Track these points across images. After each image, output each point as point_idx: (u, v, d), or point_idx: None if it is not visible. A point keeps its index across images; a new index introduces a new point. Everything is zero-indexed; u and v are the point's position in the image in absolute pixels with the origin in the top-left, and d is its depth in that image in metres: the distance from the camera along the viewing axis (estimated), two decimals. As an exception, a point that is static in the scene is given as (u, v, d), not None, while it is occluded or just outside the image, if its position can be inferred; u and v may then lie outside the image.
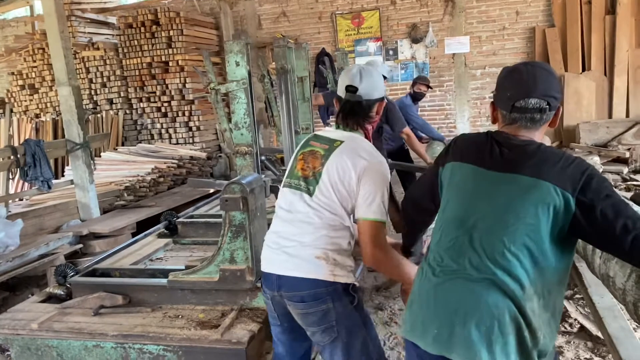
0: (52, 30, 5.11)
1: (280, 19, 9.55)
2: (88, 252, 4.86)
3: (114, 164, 6.99)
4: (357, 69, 2.02)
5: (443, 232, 1.60)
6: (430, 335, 1.51)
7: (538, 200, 1.46)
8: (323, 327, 1.90)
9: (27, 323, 2.65)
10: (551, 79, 1.59)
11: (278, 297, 1.95)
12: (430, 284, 1.56)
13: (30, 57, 9.01)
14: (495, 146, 1.60)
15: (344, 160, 1.90)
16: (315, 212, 1.91)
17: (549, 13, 8.53)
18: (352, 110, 2.02)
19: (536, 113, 1.55)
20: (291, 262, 1.90)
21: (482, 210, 1.53)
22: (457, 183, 1.63)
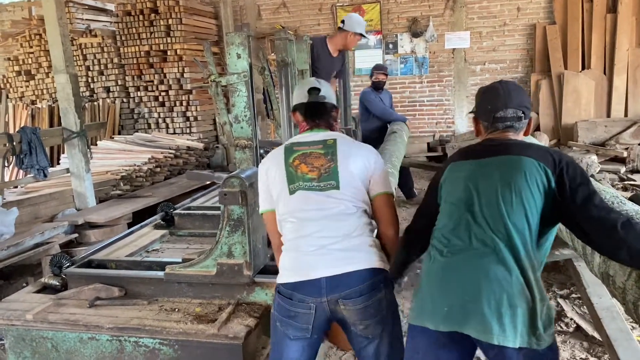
0: (50, 17, 5.05)
1: (280, 10, 9.48)
2: (83, 241, 4.84)
3: (111, 153, 6.94)
4: (313, 78, 2.21)
5: (446, 217, 1.75)
6: (440, 314, 1.62)
7: (527, 173, 1.65)
8: (378, 317, 1.88)
9: (21, 314, 2.63)
10: (522, 93, 1.86)
11: (326, 303, 1.84)
12: (439, 264, 1.69)
13: (26, 43, 8.91)
14: (485, 145, 1.84)
15: (355, 151, 2.00)
16: (350, 202, 1.93)
17: (550, 10, 8.50)
18: (319, 110, 2.11)
19: (514, 121, 1.81)
20: (344, 259, 1.85)
21: (480, 189, 1.70)
22: (454, 177, 1.80)
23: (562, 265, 4.15)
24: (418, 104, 9.18)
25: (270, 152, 2.12)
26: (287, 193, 1.96)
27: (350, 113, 5.50)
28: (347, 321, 1.89)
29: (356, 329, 1.90)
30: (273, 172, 2.03)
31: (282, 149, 2.06)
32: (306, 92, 2.12)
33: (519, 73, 8.86)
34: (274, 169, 2.02)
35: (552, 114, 8.30)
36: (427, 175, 7.92)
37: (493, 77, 8.86)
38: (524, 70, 8.83)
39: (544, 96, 8.28)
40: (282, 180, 1.98)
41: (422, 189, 7.17)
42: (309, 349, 1.96)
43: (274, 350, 1.99)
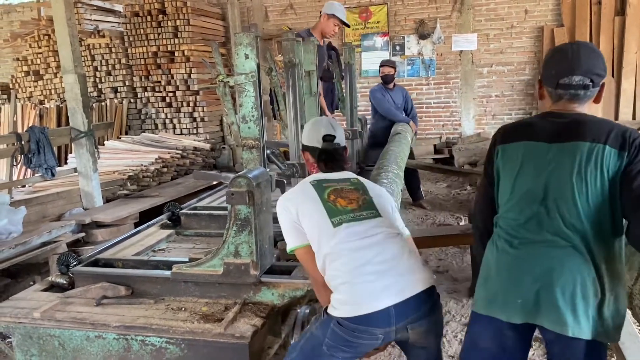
0: (59, 17, 5.08)
1: (287, 11, 9.50)
2: (90, 240, 4.86)
3: (118, 152, 6.97)
4: (326, 121, 2.23)
5: (516, 208, 1.68)
6: (514, 305, 1.62)
7: (602, 164, 1.56)
8: (439, 332, 1.95)
9: (29, 312, 2.64)
10: (594, 57, 1.67)
11: (394, 331, 1.79)
12: (509, 256, 1.66)
13: (35, 43, 8.97)
14: (549, 121, 1.69)
15: (378, 190, 2.15)
16: (391, 228, 1.98)
17: (558, 13, 8.48)
18: (334, 157, 2.17)
19: (580, 89, 1.65)
20: (407, 282, 1.81)
21: (553, 181, 1.62)
22: (518, 162, 1.69)
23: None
24: (425, 105, 9.17)
25: (293, 190, 2.10)
26: (331, 227, 1.89)
27: (356, 114, 5.51)
28: (410, 342, 1.88)
29: (417, 343, 1.91)
30: (307, 208, 1.96)
31: (307, 185, 2.04)
32: (320, 139, 2.16)
33: (526, 75, 8.84)
34: (308, 204, 1.97)
35: (559, 117, 8.26)
36: (434, 177, 7.91)
37: (500, 79, 8.85)
38: (531, 73, 8.80)
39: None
40: (321, 215, 1.92)
41: (428, 191, 7.16)
42: None
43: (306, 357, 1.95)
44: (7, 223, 3.98)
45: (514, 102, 8.98)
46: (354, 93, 5.47)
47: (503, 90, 8.95)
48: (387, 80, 6.15)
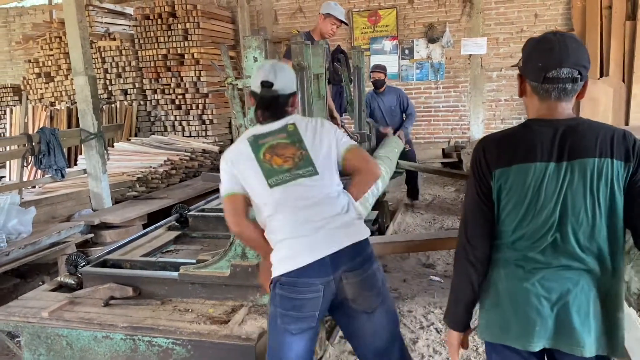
0: (70, 20, 5.13)
1: (296, 15, 9.52)
2: (99, 241, 4.88)
3: (127, 154, 7.01)
4: (269, 65, 2.08)
5: (529, 235, 1.56)
6: (531, 334, 1.54)
7: (614, 182, 1.49)
8: (375, 290, 1.97)
9: (37, 311, 2.67)
10: (581, 48, 1.54)
11: (332, 281, 1.89)
12: (523, 282, 1.56)
13: (47, 46, 9.05)
14: (543, 133, 1.54)
15: (317, 131, 2.05)
16: (330, 186, 1.99)
17: (568, 17, 8.44)
18: (270, 105, 2.06)
19: (568, 83, 1.50)
20: (342, 235, 1.91)
21: (566, 204, 1.51)
22: (527, 186, 1.54)
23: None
24: (433, 109, 9.15)
25: (230, 148, 2.09)
26: (268, 188, 1.94)
27: (364, 117, 5.51)
28: (348, 298, 1.94)
29: (356, 304, 1.95)
30: (242, 167, 2.00)
31: (244, 143, 2.03)
32: (259, 84, 2.06)
33: (535, 80, 8.80)
34: (243, 163, 2.00)
35: (569, 122, 8.22)
36: (442, 181, 7.88)
37: (510, 83, 8.81)
38: (541, 77, 8.76)
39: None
40: (257, 175, 1.96)
41: (437, 195, 7.15)
42: (310, 342, 1.97)
43: (273, 349, 1.98)
44: (17, 223, 4.02)
45: (523, 106, 8.89)
46: (362, 96, 5.47)
47: (512, 94, 8.90)
48: (377, 85, 6.28)
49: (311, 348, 2.00)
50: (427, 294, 3.96)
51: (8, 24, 11.24)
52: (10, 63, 11.36)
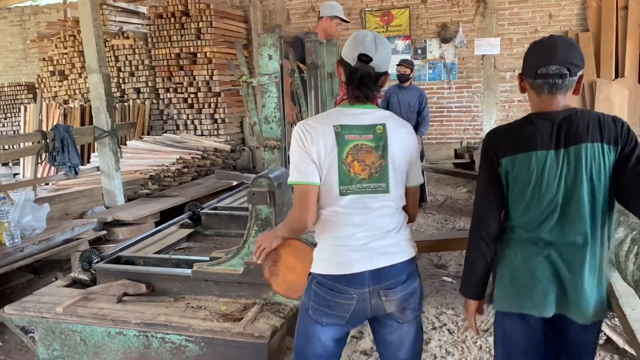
0: (85, 18, 5.16)
1: (309, 14, 9.52)
2: (111, 238, 4.91)
3: (140, 152, 7.05)
4: (372, 37, 1.88)
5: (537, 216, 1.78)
6: (546, 300, 1.78)
7: (605, 162, 1.70)
8: (414, 305, 1.93)
9: (52, 307, 2.68)
10: (571, 48, 1.74)
11: (368, 293, 1.86)
12: (538, 256, 1.79)
13: (61, 44, 9.12)
14: (543, 125, 1.75)
15: (401, 146, 1.90)
16: (395, 203, 1.92)
17: (583, 17, 8.36)
18: (363, 82, 1.89)
19: (557, 78, 1.70)
20: (386, 254, 1.87)
21: (567, 186, 1.73)
22: (532, 172, 1.76)
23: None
24: (446, 110, 9.11)
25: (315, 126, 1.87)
26: (338, 193, 1.86)
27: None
28: (386, 313, 1.91)
29: (392, 316, 1.92)
30: (325, 160, 1.84)
31: (330, 129, 1.85)
32: (355, 57, 1.87)
33: (549, 80, 8.73)
34: (328, 156, 1.84)
35: (583, 123, 8.14)
36: (454, 182, 7.84)
37: (523, 84, 8.76)
38: (555, 78, 8.69)
39: (574, 104, 8.13)
40: (334, 174, 1.85)
41: (449, 196, 7.11)
42: (338, 336, 1.96)
43: (301, 336, 1.97)
44: (31, 219, 4.05)
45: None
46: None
47: (526, 95, 8.84)
48: (402, 79, 6.24)
49: (338, 343, 1.98)
50: (439, 295, 3.94)
51: (23, 22, 11.35)
52: (25, 61, 11.46)
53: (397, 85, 6.34)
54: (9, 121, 10.34)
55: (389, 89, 6.32)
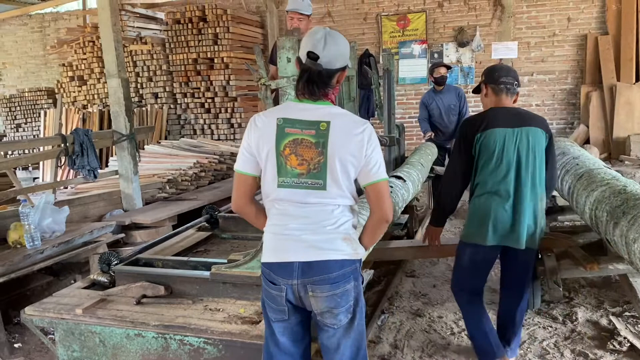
0: (105, 23, 5.21)
1: (325, 19, 9.54)
2: (129, 242, 4.94)
3: (157, 156, 7.10)
4: (322, 34, 1.91)
5: (499, 173, 2.66)
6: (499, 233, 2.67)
7: (542, 140, 2.70)
8: (344, 308, 1.93)
9: (71, 308, 2.69)
10: (516, 72, 2.85)
11: (296, 286, 1.91)
12: (498, 201, 2.67)
13: (80, 50, 9.25)
14: (503, 113, 2.73)
15: (347, 144, 1.87)
16: (333, 200, 1.91)
17: (602, 20, 8.27)
18: (310, 79, 1.92)
19: (510, 85, 2.74)
20: (318, 248, 1.89)
21: (519, 152, 2.65)
22: (498, 142, 2.65)
23: (615, 282, 3.99)
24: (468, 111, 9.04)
25: (259, 119, 1.96)
26: (275, 185, 1.91)
27: (394, 121, 5.47)
28: (315, 310, 1.94)
29: (323, 318, 1.95)
30: (263, 151, 1.92)
31: (273, 122, 1.90)
32: (305, 54, 1.91)
33: (568, 84, 8.64)
34: (265, 147, 1.91)
35: (602, 127, 8.05)
36: (471, 186, 7.77)
37: (541, 88, 8.68)
38: (573, 82, 8.61)
39: (594, 108, 8.04)
40: (272, 166, 1.91)
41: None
42: (292, 336, 2.01)
43: (266, 335, 2.07)
44: (51, 222, 4.08)
45: (555, 111, 8.78)
46: (392, 99, 5.43)
47: (544, 99, 8.77)
48: (440, 82, 6.10)
49: (295, 344, 2.02)
50: (458, 300, 3.89)
51: (43, 28, 11.53)
52: (45, 67, 11.63)
53: (431, 90, 6.22)
54: (29, 126, 10.50)
55: (425, 96, 6.22)
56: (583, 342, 3.24)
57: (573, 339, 3.28)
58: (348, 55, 1.99)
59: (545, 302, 3.72)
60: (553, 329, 3.41)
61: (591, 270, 3.24)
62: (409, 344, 3.35)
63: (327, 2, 9.48)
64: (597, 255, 3.36)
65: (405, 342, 3.36)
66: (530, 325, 3.46)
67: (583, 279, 4.05)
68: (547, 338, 3.31)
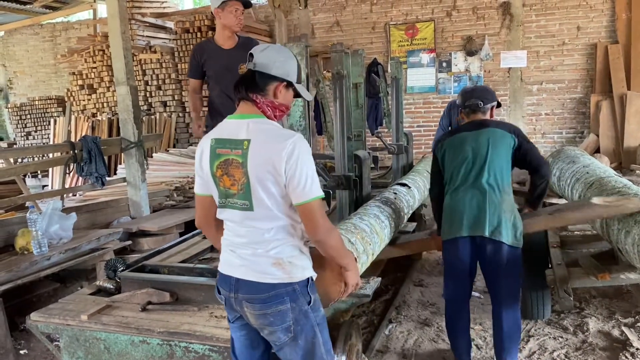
0: (114, 31, 5.25)
1: (333, 29, 9.57)
2: (136, 249, 4.93)
3: (165, 164, 7.11)
4: (269, 44, 1.96)
5: (460, 171, 2.86)
6: (467, 225, 2.77)
7: (503, 139, 2.84)
8: (280, 327, 1.90)
9: (76, 314, 2.67)
10: (484, 91, 3.08)
11: (234, 298, 1.94)
12: (459, 196, 2.84)
13: (90, 58, 9.32)
14: (468, 125, 2.99)
15: (263, 162, 1.79)
16: (262, 224, 1.86)
17: (612, 29, 8.24)
18: (243, 80, 1.90)
19: (474, 106, 2.98)
20: (249, 268, 1.89)
21: (475, 150, 2.83)
22: (455, 146, 2.91)
23: (627, 292, 3.93)
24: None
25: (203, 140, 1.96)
26: (217, 204, 1.96)
27: (402, 129, 5.45)
28: (254, 325, 1.96)
29: (263, 333, 1.97)
30: (204, 172, 1.94)
31: (208, 143, 1.90)
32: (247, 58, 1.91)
33: (578, 93, 8.59)
34: (205, 168, 1.93)
35: (613, 136, 7.98)
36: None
37: (550, 97, 8.63)
38: (583, 91, 8.56)
39: (604, 117, 7.99)
40: (213, 188, 1.94)
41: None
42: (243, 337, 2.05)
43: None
44: (58, 228, 4.09)
45: (565, 120, 8.73)
46: (400, 108, 5.42)
47: (553, 108, 8.72)
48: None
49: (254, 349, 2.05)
50: (466, 309, 3.84)
51: (54, 38, 11.65)
52: (55, 75, 11.75)
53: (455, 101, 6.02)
54: (39, 134, 10.58)
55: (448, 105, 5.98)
56: (594, 354, 3.18)
57: (584, 350, 3.22)
58: (291, 72, 1.92)
59: (555, 312, 3.66)
60: (564, 340, 3.35)
61: (602, 279, 3.17)
62: (417, 353, 3.30)
63: (335, 11, 9.51)
64: (609, 264, 3.30)
65: (413, 352, 3.31)
66: (540, 336, 3.41)
67: (594, 289, 3.99)
68: (558, 349, 3.25)
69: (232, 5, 3.54)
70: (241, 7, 3.60)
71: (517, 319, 2.85)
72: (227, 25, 3.61)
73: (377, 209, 3.14)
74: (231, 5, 3.54)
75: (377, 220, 2.96)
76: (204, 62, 3.75)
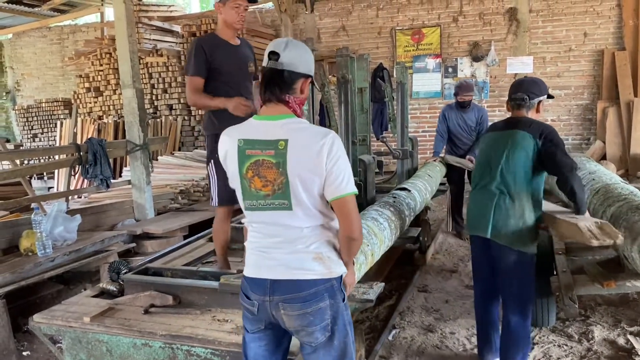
0: (121, 34, 5.27)
1: (339, 33, 9.58)
2: (140, 251, 4.93)
3: (171, 167, 7.12)
4: (285, 40, 1.88)
5: (479, 169, 2.98)
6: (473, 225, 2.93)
7: (523, 142, 2.76)
8: (319, 325, 1.86)
9: (79, 316, 2.68)
10: (533, 84, 2.94)
11: (269, 301, 1.88)
12: (473, 197, 2.98)
13: (97, 61, 9.36)
14: (504, 122, 2.98)
15: (305, 161, 1.79)
16: (302, 221, 1.86)
17: (619, 36, 8.21)
18: (272, 81, 1.84)
19: (520, 100, 2.87)
20: (287, 267, 1.86)
21: (493, 154, 2.86)
22: (483, 145, 3.07)
23: (632, 300, 3.90)
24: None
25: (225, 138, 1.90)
26: (244, 207, 1.91)
27: (407, 134, 5.44)
28: (288, 327, 1.90)
29: (299, 336, 1.91)
30: (229, 170, 1.92)
31: (235, 144, 1.85)
32: (266, 56, 1.85)
33: (584, 100, 8.56)
34: (230, 168, 1.90)
35: (619, 143, 7.94)
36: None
37: (557, 103, 8.60)
38: (589, 97, 8.52)
39: (611, 124, 7.95)
40: (238, 189, 1.90)
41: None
42: (266, 345, 1.98)
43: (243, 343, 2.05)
44: (63, 230, 4.10)
45: (571, 126, 8.70)
46: (405, 112, 5.41)
47: (560, 114, 8.69)
48: (465, 105, 5.78)
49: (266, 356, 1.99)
50: (470, 316, 3.82)
51: (62, 40, 11.71)
52: (62, 78, 11.80)
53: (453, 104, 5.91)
54: (46, 136, 10.63)
55: (447, 108, 5.90)
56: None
57: (589, 358, 3.19)
58: (311, 66, 1.92)
59: (560, 320, 3.63)
60: (568, 348, 3.32)
61: (608, 287, 3.15)
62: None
63: (341, 16, 9.52)
64: (614, 272, 3.27)
65: (416, 358, 3.29)
66: (544, 343, 3.38)
67: (599, 297, 3.95)
68: (563, 357, 3.23)
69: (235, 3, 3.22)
70: (245, 3, 3.26)
71: (519, 325, 2.82)
72: (227, 21, 3.29)
73: (375, 212, 3.14)
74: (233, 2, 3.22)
75: (375, 223, 2.95)
76: (212, 57, 3.31)
